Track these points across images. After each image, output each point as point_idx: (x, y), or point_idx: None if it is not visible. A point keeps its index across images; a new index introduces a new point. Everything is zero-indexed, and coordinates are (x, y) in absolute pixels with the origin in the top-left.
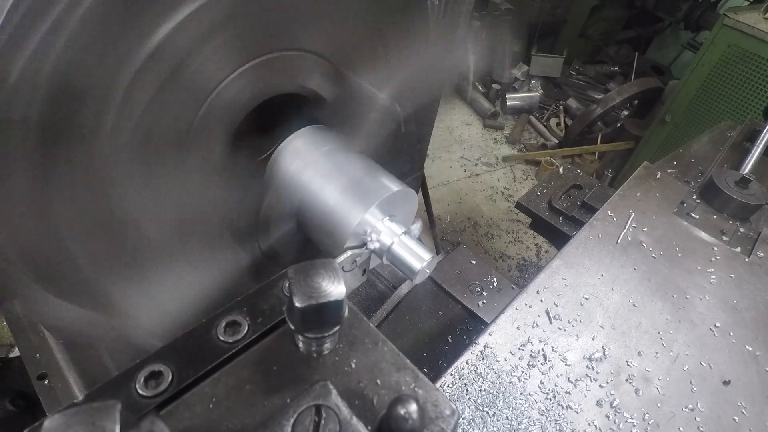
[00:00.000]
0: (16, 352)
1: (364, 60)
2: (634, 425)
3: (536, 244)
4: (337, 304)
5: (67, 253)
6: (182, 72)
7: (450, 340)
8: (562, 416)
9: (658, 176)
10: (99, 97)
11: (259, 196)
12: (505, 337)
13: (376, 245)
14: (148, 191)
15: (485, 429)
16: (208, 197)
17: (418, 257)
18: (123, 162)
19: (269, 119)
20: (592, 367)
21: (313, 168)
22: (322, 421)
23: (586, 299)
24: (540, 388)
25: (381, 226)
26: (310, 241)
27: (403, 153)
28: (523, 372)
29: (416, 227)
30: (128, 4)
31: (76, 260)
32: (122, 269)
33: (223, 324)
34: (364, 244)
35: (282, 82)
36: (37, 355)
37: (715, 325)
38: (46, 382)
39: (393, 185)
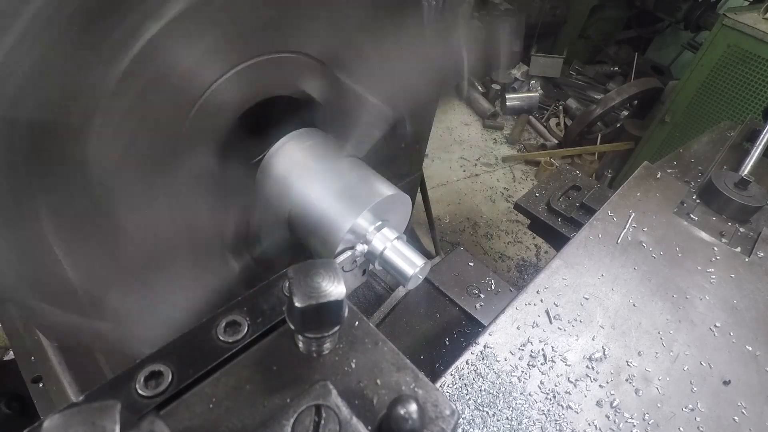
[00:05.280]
0: (11, 355)
1: (358, 62)
2: (634, 425)
3: (536, 245)
4: (337, 304)
5: (54, 259)
6: (170, 75)
7: (447, 342)
8: (562, 416)
9: (658, 176)
10: (85, 99)
11: (250, 202)
12: (505, 337)
13: (365, 249)
14: (139, 199)
15: (485, 429)
16: (199, 205)
17: (410, 263)
18: (111, 168)
19: (259, 123)
20: (592, 367)
21: (304, 172)
22: (322, 421)
23: (586, 299)
24: (540, 388)
25: (373, 231)
26: (302, 246)
27: (400, 155)
28: (523, 372)
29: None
30: (114, 5)
31: (62, 267)
32: (114, 278)
33: (223, 324)
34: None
35: (273, 84)
36: (32, 357)
37: (715, 325)
38: (41, 385)
39: (386, 189)
